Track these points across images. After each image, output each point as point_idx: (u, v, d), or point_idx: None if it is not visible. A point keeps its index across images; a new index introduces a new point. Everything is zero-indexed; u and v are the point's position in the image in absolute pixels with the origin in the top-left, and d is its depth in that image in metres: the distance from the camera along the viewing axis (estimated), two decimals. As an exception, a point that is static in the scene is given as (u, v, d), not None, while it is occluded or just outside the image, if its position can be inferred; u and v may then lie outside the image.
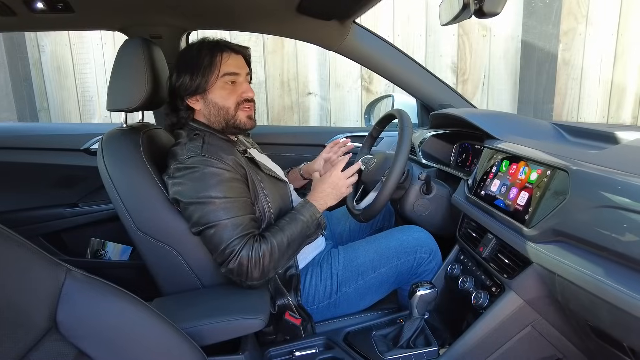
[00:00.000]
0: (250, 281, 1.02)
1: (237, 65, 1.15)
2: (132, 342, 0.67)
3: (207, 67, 1.11)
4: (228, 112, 1.15)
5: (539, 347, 1.00)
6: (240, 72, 1.15)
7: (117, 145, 1.12)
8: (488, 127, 1.21)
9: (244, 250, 0.99)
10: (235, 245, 0.99)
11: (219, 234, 1.00)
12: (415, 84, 1.65)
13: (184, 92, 1.13)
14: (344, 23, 1.46)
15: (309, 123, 2.94)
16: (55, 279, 0.60)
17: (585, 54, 2.82)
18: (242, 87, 1.16)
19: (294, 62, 2.82)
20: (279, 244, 1.04)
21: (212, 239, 1.01)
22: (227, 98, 1.14)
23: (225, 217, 1.00)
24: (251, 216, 1.06)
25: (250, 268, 1.00)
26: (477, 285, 1.12)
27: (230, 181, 1.04)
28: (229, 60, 1.13)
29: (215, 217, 1.00)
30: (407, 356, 1.03)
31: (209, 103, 1.14)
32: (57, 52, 2.85)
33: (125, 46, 1.15)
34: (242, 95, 1.15)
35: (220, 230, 1.00)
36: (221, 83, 1.13)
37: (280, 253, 1.04)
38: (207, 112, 1.16)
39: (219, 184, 1.02)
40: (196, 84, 1.11)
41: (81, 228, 1.78)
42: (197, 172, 1.02)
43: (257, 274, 1.01)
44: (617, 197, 0.71)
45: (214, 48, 1.13)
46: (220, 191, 1.02)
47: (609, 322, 0.73)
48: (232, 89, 1.14)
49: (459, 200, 1.24)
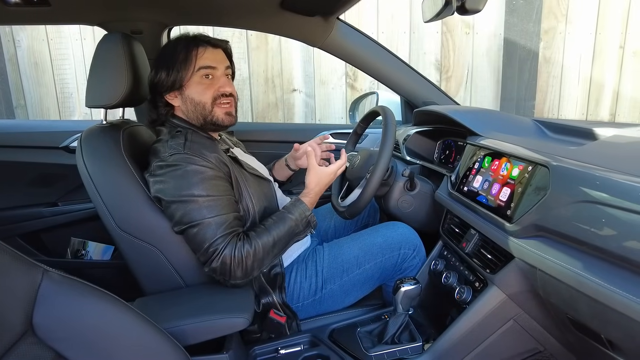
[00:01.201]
0: (234, 280, 1.01)
1: (214, 59, 1.13)
2: (113, 343, 0.65)
3: (182, 62, 1.09)
4: (205, 108, 1.12)
5: (521, 341, 1.02)
6: (217, 66, 1.13)
7: (96, 143, 1.10)
8: (471, 124, 1.22)
9: (227, 249, 0.98)
10: (218, 244, 0.98)
11: (202, 233, 0.98)
12: (399, 81, 1.66)
13: (161, 88, 1.12)
14: (328, 19, 1.46)
15: (293, 120, 2.93)
16: (31, 280, 0.58)
17: (565, 52, 2.88)
18: (219, 81, 1.13)
19: (278, 59, 2.80)
20: (263, 244, 1.03)
21: (195, 238, 1.00)
22: (203, 93, 1.12)
23: (209, 215, 0.99)
24: (235, 214, 1.05)
25: (234, 267, 0.99)
26: (461, 281, 1.13)
27: (213, 179, 1.03)
28: (205, 54, 1.11)
29: (198, 215, 0.99)
30: (392, 352, 1.04)
31: (186, 99, 1.13)
32: (34, 47, 2.78)
33: (104, 41, 1.12)
34: (219, 89, 1.13)
35: (203, 229, 0.98)
36: (197, 78, 1.11)
37: (265, 253, 1.03)
38: (185, 108, 1.14)
39: (202, 182, 1.00)
40: (172, 79, 1.10)
41: (61, 228, 1.74)
42: (180, 169, 1.01)
43: (240, 273, 1.00)
44: (595, 192, 0.73)
45: (190, 43, 1.11)
46: (203, 189, 1.00)
47: (588, 314, 0.75)
48: (208, 84, 1.12)
49: (442, 197, 1.25)
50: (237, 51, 2.65)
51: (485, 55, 2.87)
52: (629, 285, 0.65)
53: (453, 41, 2.84)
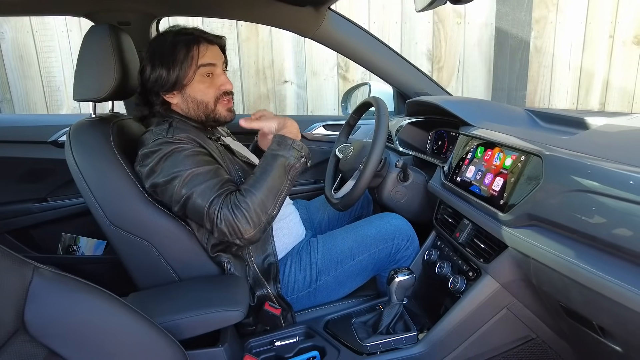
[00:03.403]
0: (247, 234, 0.98)
1: (213, 56, 1.12)
2: (106, 338, 0.65)
3: (183, 61, 1.08)
4: (208, 107, 1.13)
5: (514, 329, 1.03)
6: (216, 63, 1.13)
7: (85, 137, 1.08)
8: (463, 114, 1.22)
9: (224, 208, 0.97)
10: (215, 205, 0.97)
11: (198, 201, 0.98)
12: (391, 72, 1.65)
13: (160, 87, 1.10)
14: (319, 9, 1.44)
15: (285, 112, 2.91)
16: (21, 278, 0.57)
17: (556, 42, 2.89)
18: (220, 79, 1.14)
19: (269, 50, 2.78)
20: (257, 190, 1.00)
21: (194, 209, 0.99)
22: (205, 92, 1.12)
23: (199, 183, 0.99)
24: (227, 177, 1.04)
25: (239, 222, 0.97)
26: (454, 270, 1.14)
27: (198, 154, 1.03)
28: (206, 52, 1.11)
29: (189, 187, 0.99)
30: (387, 342, 1.05)
31: (187, 98, 1.12)
32: (18, 39, 2.71)
33: (90, 33, 1.10)
34: (220, 88, 1.13)
35: (197, 197, 0.98)
36: (199, 77, 1.10)
37: (264, 197, 1.00)
38: (185, 106, 1.14)
39: (187, 158, 1.01)
40: (173, 79, 1.08)
41: (51, 223, 1.71)
42: (164, 153, 1.01)
43: (249, 226, 0.98)
44: (587, 180, 0.73)
45: (189, 40, 1.09)
46: (190, 164, 1.00)
47: (580, 302, 0.76)
48: (210, 82, 1.12)
49: (435, 187, 1.25)
50: (228, 42, 2.58)
51: (477, 45, 2.86)
52: (620, 273, 0.66)
53: (445, 31, 2.83)
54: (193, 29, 1.13)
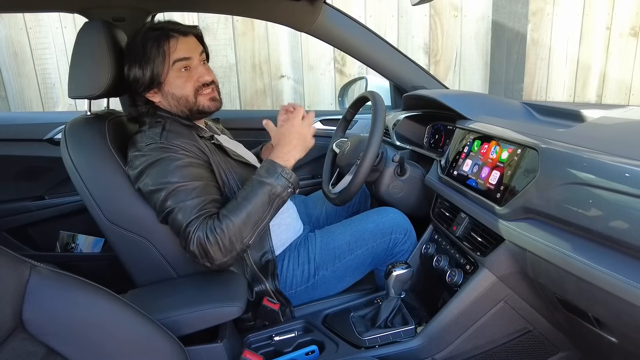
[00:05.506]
0: (217, 261, 0.96)
1: (187, 49, 1.09)
2: (105, 336, 0.65)
3: (155, 58, 1.05)
4: (188, 101, 1.11)
5: (511, 321, 1.04)
6: (192, 56, 1.09)
7: (81, 135, 1.07)
8: (460, 108, 1.22)
9: (199, 231, 0.95)
10: (191, 226, 0.96)
11: (179, 217, 0.97)
12: (387, 66, 1.65)
13: (138, 88, 1.09)
14: (315, 3, 1.43)
15: (282, 107, 2.90)
16: (18, 276, 0.58)
17: (553, 34, 2.88)
18: (197, 71, 1.11)
19: (265, 45, 2.76)
20: (236, 219, 0.97)
21: (173, 224, 0.99)
22: (183, 87, 1.09)
23: (183, 200, 0.98)
24: (213, 197, 1.02)
25: (210, 248, 0.95)
26: (452, 264, 1.14)
27: (189, 165, 1.01)
28: (177, 45, 1.07)
29: (174, 201, 0.97)
30: (385, 335, 1.05)
31: (166, 94, 1.10)
32: (12, 36, 2.69)
33: (84, 29, 1.09)
34: (199, 80, 1.10)
35: (179, 213, 0.97)
36: (175, 72, 1.08)
37: (241, 225, 0.97)
38: (167, 103, 1.12)
39: (177, 169, 0.99)
40: (148, 78, 1.06)
41: (49, 221, 1.71)
42: (155, 159, 1.00)
43: (220, 253, 0.96)
44: (583, 173, 0.73)
45: (160, 36, 1.06)
46: (180, 176, 0.99)
47: (576, 294, 0.76)
48: (187, 76, 1.09)
49: (432, 181, 1.25)
50: (223, 38, 2.60)
51: (474, 38, 2.85)
52: (615, 265, 0.66)
53: (441, 24, 2.82)
54: (164, 23, 1.10)
